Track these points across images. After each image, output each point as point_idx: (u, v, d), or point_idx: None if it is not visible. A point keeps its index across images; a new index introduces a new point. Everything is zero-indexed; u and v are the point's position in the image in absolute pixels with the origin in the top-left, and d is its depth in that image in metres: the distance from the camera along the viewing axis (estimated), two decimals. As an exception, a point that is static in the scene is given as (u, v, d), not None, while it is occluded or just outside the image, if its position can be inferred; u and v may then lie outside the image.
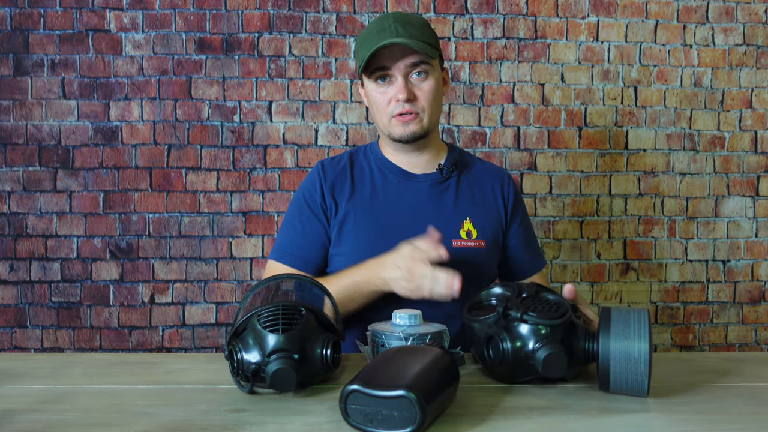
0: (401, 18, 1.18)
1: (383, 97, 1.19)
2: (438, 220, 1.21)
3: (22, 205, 2.00)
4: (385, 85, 1.19)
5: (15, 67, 1.98)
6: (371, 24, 1.21)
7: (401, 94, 1.16)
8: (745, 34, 2.08)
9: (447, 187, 1.26)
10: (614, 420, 0.73)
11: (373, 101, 1.22)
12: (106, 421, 0.73)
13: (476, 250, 1.22)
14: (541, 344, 0.79)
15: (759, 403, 0.80)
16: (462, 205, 1.25)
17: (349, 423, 0.69)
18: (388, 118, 1.20)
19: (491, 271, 1.28)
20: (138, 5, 1.99)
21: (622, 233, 2.09)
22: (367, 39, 1.17)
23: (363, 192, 1.25)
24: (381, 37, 1.14)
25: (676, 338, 2.11)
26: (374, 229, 1.21)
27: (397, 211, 1.22)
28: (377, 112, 1.22)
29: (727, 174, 2.10)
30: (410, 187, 1.25)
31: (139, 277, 2.01)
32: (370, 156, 1.31)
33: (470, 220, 1.24)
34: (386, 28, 1.16)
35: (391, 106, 1.19)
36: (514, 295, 0.89)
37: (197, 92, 2.01)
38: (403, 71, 1.17)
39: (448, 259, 1.02)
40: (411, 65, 1.17)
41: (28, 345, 2.01)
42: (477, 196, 1.28)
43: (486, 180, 1.31)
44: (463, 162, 1.31)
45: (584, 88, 2.06)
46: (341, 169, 1.28)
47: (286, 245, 1.25)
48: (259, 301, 0.89)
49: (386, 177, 1.27)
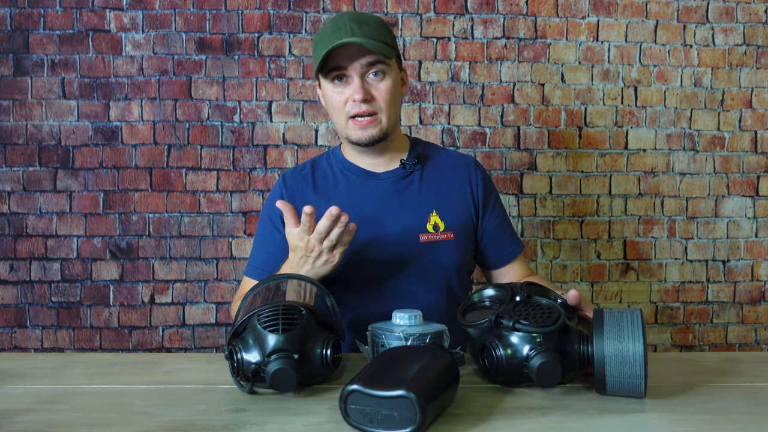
0: (357, 17, 1.16)
1: (339, 98, 1.17)
2: (403, 216, 1.21)
3: (22, 205, 2.00)
4: (341, 85, 1.17)
5: (15, 67, 1.98)
6: (327, 23, 1.19)
7: (357, 93, 1.14)
8: (745, 34, 2.08)
9: (410, 182, 1.25)
10: (614, 420, 0.73)
11: (329, 102, 1.20)
12: (106, 421, 0.73)
13: (445, 242, 1.21)
14: (535, 352, 0.79)
15: (759, 403, 0.80)
16: (427, 199, 1.23)
17: (349, 423, 0.69)
18: (345, 119, 1.18)
19: (464, 263, 1.26)
20: (138, 5, 1.99)
21: (622, 233, 2.09)
22: (322, 38, 1.15)
23: (326, 197, 1.24)
24: (336, 36, 1.12)
25: (676, 338, 2.11)
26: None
27: (362, 212, 1.19)
28: (334, 113, 1.21)
29: (727, 174, 2.10)
30: (373, 186, 1.24)
31: (139, 277, 2.01)
32: (332, 160, 1.30)
33: (436, 213, 1.22)
34: (341, 28, 1.13)
35: (348, 106, 1.17)
36: (507, 298, 0.88)
37: (197, 92, 2.01)
38: (359, 71, 1.15)
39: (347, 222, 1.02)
40: (367, 65, 1.15)
41: (28, 345, 2.01)
42: (443, 187, 1.25)
43: (452, 170, 1.28)
44: (425, 155, 1.29)
45: (584, 88, 2.06)
46: (302, 178, 1.28)
47: (253, 260, 1.29)
48: (259, 301, 0.89)
49: (349, 179, 1.26)
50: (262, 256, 1.27)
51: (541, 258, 2.07)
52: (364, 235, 1.16)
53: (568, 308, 0.88)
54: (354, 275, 1.19)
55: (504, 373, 0.82)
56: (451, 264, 1.22)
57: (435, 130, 2.04)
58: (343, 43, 1.11)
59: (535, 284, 0.95)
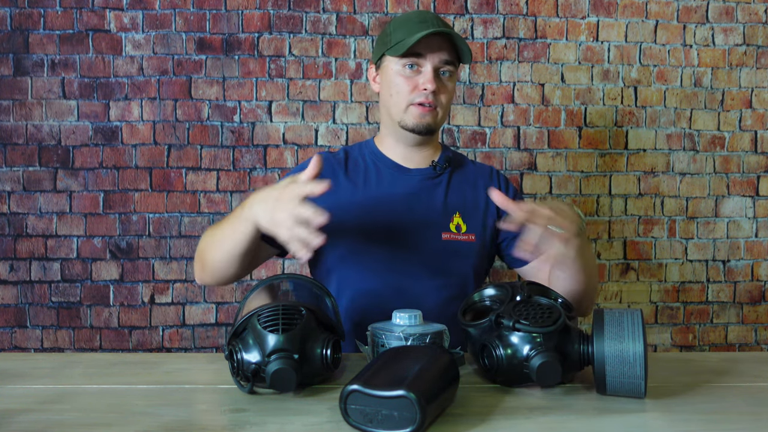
0: (441, 19, 1.23)
1: (407, 82, 1.20)
2: (428, 212, 1.24)
3: (22, 205, 2.00)
4: (412, 72, 1.19)
5: (15, 67, 1.98)
6: (410, 13, 1.24)
7: (430, 84, 1.17)
8: (745, 34, 2.08)
9: (439, 183, 1.28)
10: (614, 420, 0.73)
11: (393, 84, 1.22)
12: (106, 421, 0.73)
13: (466, 243, 1.24)
14: (535, 352, 0.79)
15: (759, 403, 0.80)
16: (452, 200, 1.26)
17: (349, 423, 0.69)
18: (406, 105, 1.21)
19: (481, 266, 1.28)
20: (138, 5, 1.99)
21: (622, 233, 2.09)
22: (406, 24, 1.19)
23: (356, 182, 1.26)
24: (423, 27, 1.16)
25: (676, 338, 2.11)
26: (366, 221, 1.22)
27: (388, 203, 1.24)
28: (395, 95, 1.22)
29: (727, 174, 2.10)
30: (403, 180, 1.27)
31: (139, 277, 2.01)
32: (365, 151, 1.32)
33: (460, 215, 1.25)
34: (428, 20, 1.19)
35: (414, 93, 1.19)
36: (507, 298, 0.88)
37: (197, 92, 2.01)
38: (436, 64, 1.18)
39: (327, 220, 0.89)
40: (444, 62, 1.19)
41: (28, 345, 2.01)
42: (468, 194, 1.29)
43: (478, 180, 1.32)
44: (456, 161, 1.33)
45: (584, 88, 2.06)
46: (336, 161, 1.30)
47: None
48: (259, 301, 0.89)
49: (379, 170, 1.29)
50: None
51: (541, 258, 2.07)
52: (388, 225, 1.20)
53: (568, 308, 0.88)
54: (374, 265, 1.21)
55: (504, 373, 0.82)
56: (469, 265, 1.24)
57: (435, 130, 2.04)
58: (439, 32, 1.15)
59: (536, 284, 0.95)
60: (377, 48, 1.27)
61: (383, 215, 1.23)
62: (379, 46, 1.26)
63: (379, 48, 1.26)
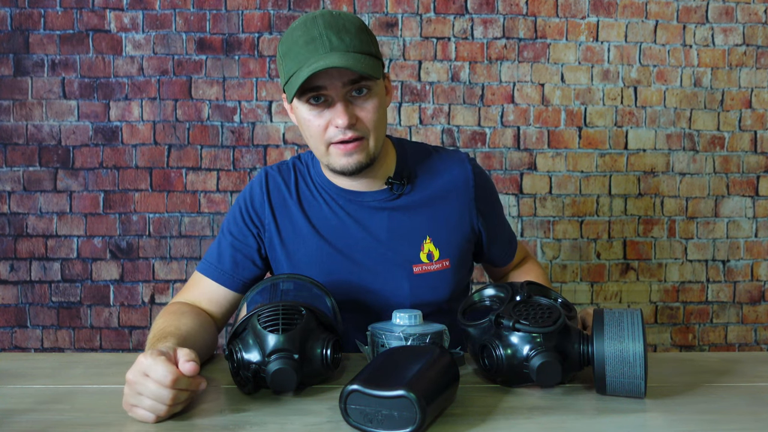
0: (333, 23, 0.97)
1: (318, 121, 0.99)
2: (393, 245, 1.08)
3: (22, 205, 2.00)
4: (319, 107, 0.99)
5: (15, 67, 1.98)
6: (296, 29, 0.98)
7: (341, 119, 0.97)
8: (744, 34, 2.08)
9: (399, 205, 1.09)
10: (614, 420, 0.73)
11: (305, 126, 1.02)
12: (106, 421, 0.73)
13: (440, 273, 1.09)
14: (535, 352, 0.79)
15: (759, 403, 0.80)
16: (419, 223, 1.09)
17: (349, 423, 0.69)
18: (326, 146, 1.01)
19: (458, 289, 1.14)
20: (138, 5, 1.99)
21: (621, 233, 2.09)
22: (292, 49, 0.97)
23: (310, 217, 1.10)
24: (311, 50, 0.95)
25: (676, 338, 2.11)
26: (325, 259, 1.08)
27: (348, 237, 1.09)
28: (311, 139, 1.03)
29: (727, 174, 2.10)
30: (357, 210, 1.09)
31: (139, 277, 2.01)
32: (313, 173, 1.13)
33: (430, 240, 1.09)
34: (316, 39, 0.95)
35: (329, 132, 0.99)
36: (507, 298, 0.88)
37: (197, 92, 2.01)
38: (342, 91, 0.97)
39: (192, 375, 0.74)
40: (350, 83, 0.97)
41: (28, 345, 2.01)
42: (437, 207, 1.11)
43: (446, 183, 1.12)
44: (414, 171, 1.12)
45: (584, 88, 2.06)
46: (285, 187, 1.13)
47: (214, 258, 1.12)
48: (259, 301, 0.89)
49: (331, 199, 1.11)
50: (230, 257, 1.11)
51: (541, 258, 2.07)
52: (350, 264, 1.07)
53: (568, 308, 0.88)
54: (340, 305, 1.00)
55: (504, 373, 0.82)
56: (447, 294, 1.11)
57: (435, 130, 2.04)
58: (323, 68, 0.92)
59: (536, 284, 0.95)
60: (280, 77, 1.03)
61: (344, 252, 1.08)
62: (280, 75, 1.04)
63: (281, 77, 1.03)
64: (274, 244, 1.10)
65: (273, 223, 1.10)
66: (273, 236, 1.10)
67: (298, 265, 1.08)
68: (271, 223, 1.10)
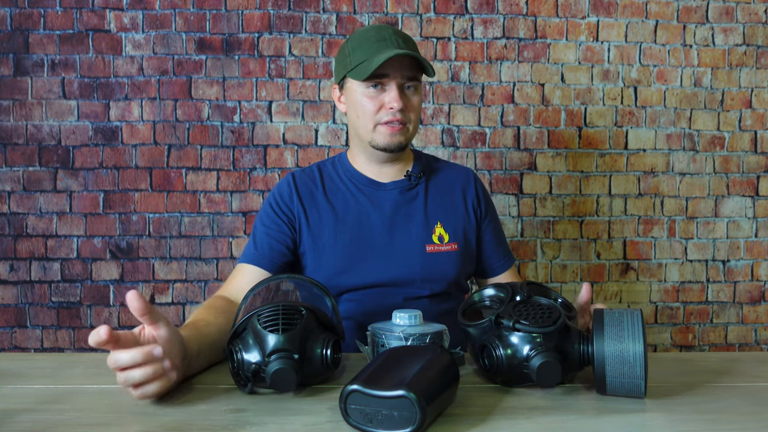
0: (399, 32, 1.22)
1: (372, 102, 1.19)
2: (409, 227, 1.24)
3: (22, 205, 2.00)
4: (377, 92, 1.19)
5: (15, 67, 1.98)
6: (368, 30, 1.22)
7: (397, 102, 1.17)
8: (745, 34, 2.08)
9: (416, 194, 1.28)
10: (614, 420, 0.73)
11: (358, 105, 1.21)
12: (106, 421, 0.73)
13: (449, 253, 1.25)
14: (535, 352, 0.79)
15: (759, 403, 0.80)
16: (432, 211, 1.27)
17: (349, 423, 0.69)
18: (374, 125, 1.20)
19: (465, 273, 1.30)
20: (138, 5, 1.99)
21: (621, 233, 2.09)
22: (364, 44, 1.19)
23: (334, 203, 1.26)
24: (383, 45, 1.17)
25: (676, 338, 2.11)
26: (348, 241, 1.22)
27: (369, 221, 1.24)
28: (362, 116, 1.21)
29: (727, 174, 2.10)
30: (380, 196, 1.27)
31: (139, 277, 2.01)
32: (338, 167, 1.32)
33: (441, 225, 1.26)
34: (387, 38, 1.19)
35: (381, 113, 1.19)
36: (507, 298, 0.88)
37: (197, 92, 2.01)
38: (400, 82, 1.19)
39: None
40: (407, 78, 1.19)
41: (28, 345, 2.01)
42: (446, 199, 1.30)
43: (454, 183, 1.33)
44: (430, 168, 1.33)
45: (584, 88, 2.06)
46: (311, 181, 1.29)
47: (251, 248, 1.24)
48: (259, 301, 0.89)
49: (356, 187, 1.28)
50: (266, 242, 1.24)
51: (541, 258, 2.07)
52: (371, 244, 1.21)
53: (568, 308, 0.88)
54: (360, 281, 1.21)
55: (504, 373, 0.82)
56: (455, 273, 1.25)
57: (435, 130, 2.04)
58: (402, 53, 1.14)
59: (536, 284, 0.95)
60: (337, 69, 1.26)
61: (365, 234, 1.23)
62: (339, 67, 1.25)
63: (339, 69, 1.25)
64: (302, 232, 1.24)
65: (302, 212, 1.25)
66: (303, 224, 1.24)
67: (324, 248, 1.22)
68: (300, 213, 1.25)
